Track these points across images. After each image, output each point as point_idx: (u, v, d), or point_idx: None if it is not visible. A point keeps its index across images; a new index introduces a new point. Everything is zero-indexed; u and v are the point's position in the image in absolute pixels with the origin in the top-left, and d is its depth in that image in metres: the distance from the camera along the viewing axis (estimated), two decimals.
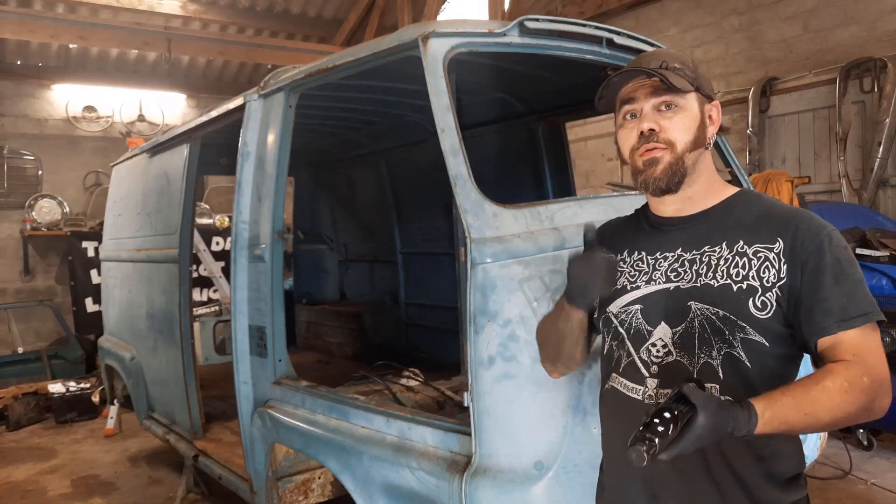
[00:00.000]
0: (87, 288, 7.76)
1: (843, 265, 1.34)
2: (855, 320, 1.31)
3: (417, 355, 4.93)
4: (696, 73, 1.47)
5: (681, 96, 1.45)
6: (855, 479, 4.14)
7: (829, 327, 1.31)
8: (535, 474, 1.96)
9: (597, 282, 1.49)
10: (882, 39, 5.65)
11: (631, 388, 1.48)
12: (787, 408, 1.21)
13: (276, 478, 2.86)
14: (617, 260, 1.55)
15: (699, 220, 1.49)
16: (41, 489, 4.79)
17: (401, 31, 2.45)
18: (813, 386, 1.24)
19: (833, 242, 1.36)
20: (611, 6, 7.51)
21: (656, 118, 1.45)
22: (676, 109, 1.45)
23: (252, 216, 3.11)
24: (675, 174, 1.45)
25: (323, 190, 6.24)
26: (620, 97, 1.51)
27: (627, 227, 1.65)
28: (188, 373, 3.93)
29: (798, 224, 1.39)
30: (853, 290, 1.33)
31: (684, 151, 1.45)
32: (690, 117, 1.46)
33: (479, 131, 4.41)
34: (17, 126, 8.88)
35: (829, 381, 1.24)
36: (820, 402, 1.23)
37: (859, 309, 1.32)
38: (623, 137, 1.52)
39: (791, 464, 1.43)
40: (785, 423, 1.21)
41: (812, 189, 5.95)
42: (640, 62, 1.49)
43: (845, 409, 1.24)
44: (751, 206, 1.48)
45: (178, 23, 8.87)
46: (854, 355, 1.29)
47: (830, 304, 1.32)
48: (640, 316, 1.49)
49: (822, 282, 1.33)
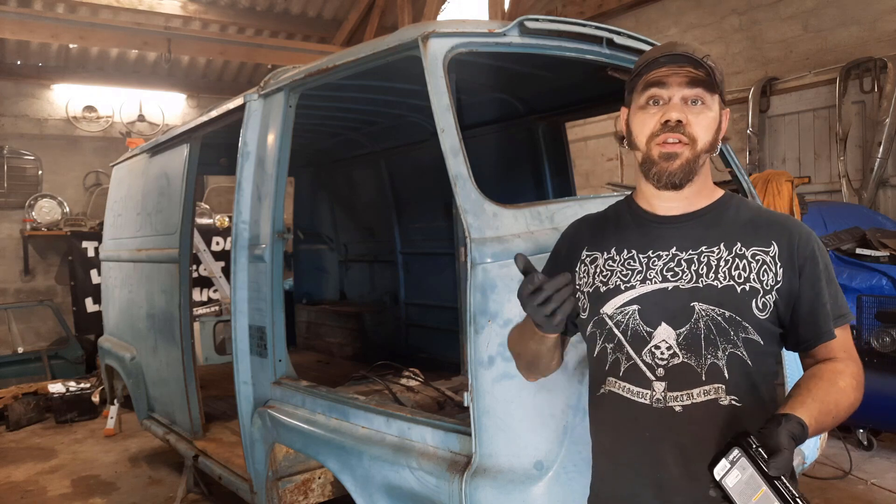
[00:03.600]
0: (87, 288, 7.76)
1: (829, 270, 1.44)
2: (839, 320, 1.42)
3: (417, 355, 4.92)
4: (722, 75, 1.46)
5: (710, 95, 1.43)
6: (855, 479, 4.14)
7: (830, 332, 1.41)
8: (535, 474, 1.96)
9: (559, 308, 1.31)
10: (882, 39, 5.65)
11: (636, 392, 1.44)
12: (821, 414, 1.27)
13: (276, 478, 2.87)
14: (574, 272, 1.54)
15: (692, 220, 1.48)
16: (41, 489, 4.79)
17: (401, 31, 2.44)
18: (831, 388, 1.31)
19: (820, 247, 1.45)
20: (611, 6, 7.52)
21: (684, 110, 1.42)
22: (703, 107, 1.43)
23: (252, 216, 3.11)
24: (691, 171, 1.43)
25: (323, 190, 6.24)
26: (647, 79, 1.44)
27: (609, 222, 1.60)
28: (188, 373, 3.93)
29: (791, 229, 1.44)
30: (836, 293, 1.43)
31: (702, 150, 1.43)
32: (714, 118, 1.45)
33: (480, 131, 4.41)
34: (17, 126, 8.89)
35: (842, 382, 1.33)
36: (841, 403, 1.31)
37: (842, 310, 1.43)
38: (642, 121, 1.45)
39: None
40: (820, 429, 1.27)
41: (812, 189, 5.96)
42: (686, 48, 1.42)
43: (855, 404, 1.33)
44: (741, 209, 1.50)
45: (178, 23, 8.88)
46: (845, 351, 1.40)
47: (829, 309, 1.41)
48: (637, 317, 1.45)
49: (820, 287, 1.41)
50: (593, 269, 1.54)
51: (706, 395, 1.38)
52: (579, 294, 1.55)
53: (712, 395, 1.38)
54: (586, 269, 1.56)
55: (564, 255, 1.62)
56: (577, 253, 1.59)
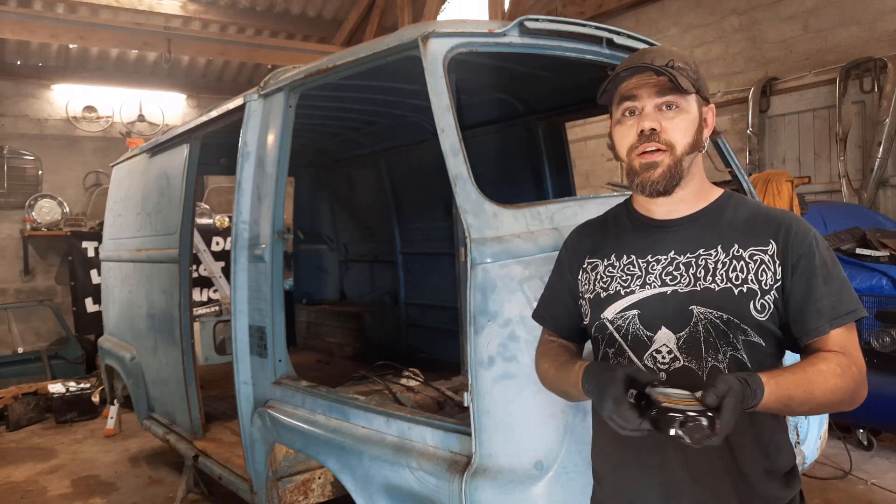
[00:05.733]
0: (87, 288, 7.77)
1: (830, 266, 1.40)
2: (843, 318, 1.37)
3: (417, 355, 4.93)
4: (697, 73, 1.46)
5: (683, 97, 1.44)
6: (855, 479, 4.14)
7: (821, 328, 1.37)
8: (534, 474, 1.97)
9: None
10: (882, 39, 5.65)
11: None
12: (790, 383, 1.27)
13: (276, 478, 2.87)
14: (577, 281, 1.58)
15: (690, 223, 1.49)
16: (41, 489, 4.79)
17: (401, 31, 2.45)
18: (809, 367, 1.32)
19: (820, 243, 1.42)
20: (611, 6, 7.52)
21: (658, 117, 1.43)
22: (678, 110, 1.44)
23: (252, 216, 3.11)
24: (674, 177, 1.44)
25: (323, 190, 6.24)
26: (621, 93, 1.48)
27: (608, 228, 1.61)
28: (188, 373, 3.93)
29: (788, 226, 1.42)
30: (840, 290, 1.39)
31: (683, 154, 1.44)
32: (691, 119, 1.45)
33: (480, 131, 4.41)
34: (17, 126, 8.89)
35: (823, 366, 1.32)
36: (817, 382, 1.29)
37: (847, 307, 1.38)
38: (621, 134, 1.48)
39: (788, 456, 1.48)
40: (787, 397, 1.26)
41: (812, 189, 5.96)
42: (647, 58, 1.45)
43: (836, 391, 1.31)
44: (740, 209, 1.48)
45: (178, 23, 8.88)
46: (841, 348, 1.36)
47: (821, 305, 1.37)
48: (637, 321, 1.46)
49: (813, 284, 1.38)
50: (594, 275, 1.56)
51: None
52: (581, 301, 1.59)
53: None
54: (587, 276, 1.58)
55: (567, 266, 1.65)
56: (579, 262, 1.62)
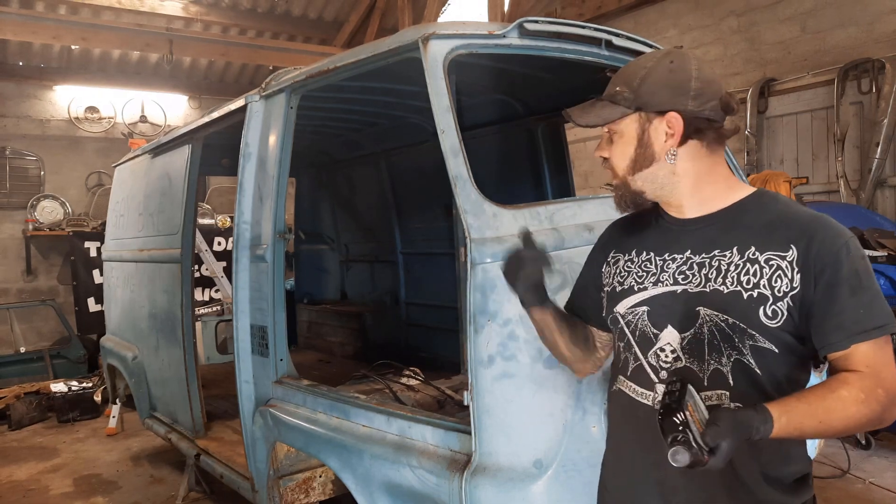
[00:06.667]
0: (90, 288, 7.78)
1: (861, 276, 1.30)
2: (871, 332, 1.29)
3: (418, 355, 4.94)
4: (640, 90, 1.42)
5: (616, 124, 1.48)
6: (853, 479, 4.15)
7: (839, 343, 1.30)
8: (534, 473, 1.98)
9: (517, 279, 1.58)
10: (880, 40, 5.66)
11: (640, 392, 1.47)
12: (803, 414, 1.22)
13: (277, 476, 2.88)
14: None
15: (709, 223, 1.46)
16: (43, 488, 4.81)
17: (401, 33, 2.46)
18: (828, 394, 1.25)
19: (851, 252, 1.31)
20: (610, 8, 7.53)
21: (605, 146, 1.52)
22: (617, 136, 1.49)
23: (254, 217, 3.13)
24: (624, 198, 1.50)
25: (324, 191, 6.26)
26: None
27: (639, 224, 1.60)
28: (190, 372, 3.94)
29: (814, 233, 1.33)
30: (870, 302, 1.30)
31: (626, 175, 1.48)
32: (625, 142, 1.47)
33: (479, 132, 4.43)
34: (19, 127, 8.91)
35: (844, 391, 1.25)
36: (835, 410, 1.23)
37: (875, 321, 1.29)
38: None
39: (799, 465, 1.43)
40: (799, 430, 1.23)
41: (810, 189, 5.97)
42: (609, 85, 1.52)
43: (859, 419, 1.25)
44: (765, 210, 1.42)
45: (179, 24, 8.89)
46: (867, 367, 1.28)
47: (843, 318, 1.29)
48: (646, 318, 1.47)
49: (836, 295, 1.29)
50: (615, 269, 1.60)
51: (708, 400, 1.33)
52: (602, 293, 1.63)
53: (714, 401, 1.36)
54: (609, 269, 1.62)
55: (596, 259, 1.70)
56: (605, 255, 1.66)
